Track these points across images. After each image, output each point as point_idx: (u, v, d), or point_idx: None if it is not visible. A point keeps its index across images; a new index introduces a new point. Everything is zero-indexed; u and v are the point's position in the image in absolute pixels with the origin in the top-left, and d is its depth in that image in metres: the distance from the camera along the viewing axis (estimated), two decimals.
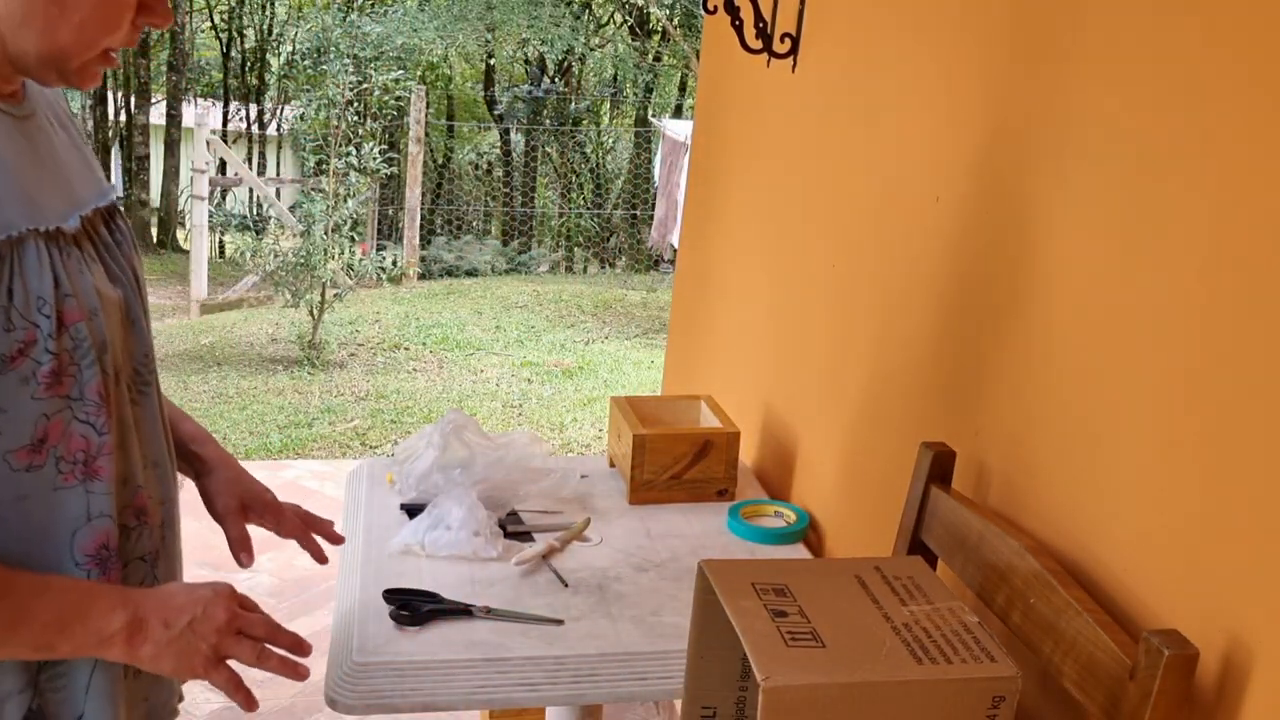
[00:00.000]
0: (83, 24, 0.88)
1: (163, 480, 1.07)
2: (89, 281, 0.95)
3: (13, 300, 0.87)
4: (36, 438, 0.91)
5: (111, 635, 0.93)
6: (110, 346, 0.97)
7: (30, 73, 0.92)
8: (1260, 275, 0.87)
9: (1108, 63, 1.08)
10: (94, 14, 0.88)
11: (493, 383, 5.89)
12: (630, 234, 11.69)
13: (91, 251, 0.98)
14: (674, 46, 12.71)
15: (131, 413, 1.02)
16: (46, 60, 0.90)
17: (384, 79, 7.48)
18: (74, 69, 0.92)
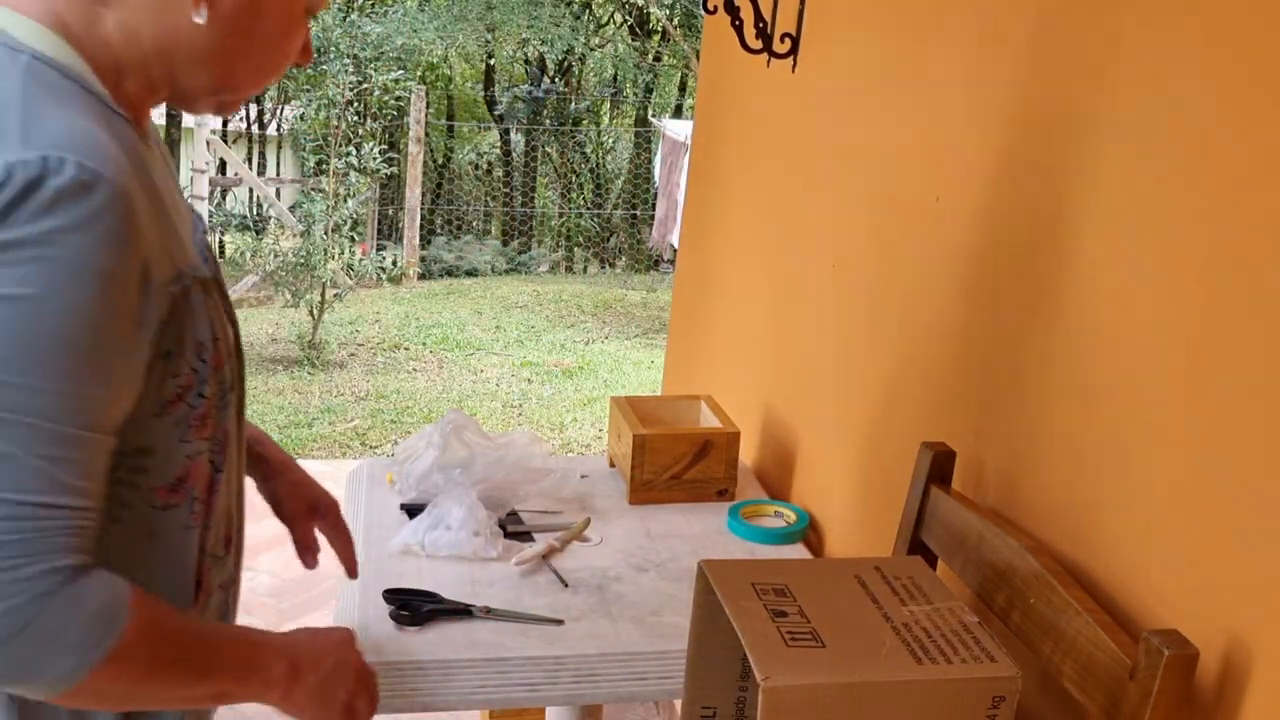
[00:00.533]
0: (260, 66, 0.92)
1: (242, 506, 1.06)
2: (221, 323, 0.95)
3: (182, 347, 0.88)
4: (178, 477, 0.91)
5: (275, 682, 0.93)
6: (236, 388, 0.99)
7: (187, 100, 0.94)
8: (1261, 275, 0.87)
9: (1108, 62, 1.08)
10: (270, 57, 0.92)
11: (493, 383, 5.89)
12: (630, 234, 11.69)
13: (216, 291, 0.97)
14: (674, 46, 12.71)
15: (233, 447, 1.01)
16: (214, 92, 0.93)
17: (384, 79, 7.48)
18: (234, 101, 0.95)
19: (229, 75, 0.91)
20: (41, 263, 0.75)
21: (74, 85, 0.83)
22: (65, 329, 0.76)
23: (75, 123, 0.79)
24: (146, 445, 0.87)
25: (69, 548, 0.78)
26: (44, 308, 0.75)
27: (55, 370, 0.76)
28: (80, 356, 0.77)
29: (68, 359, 0.77)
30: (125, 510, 0.88)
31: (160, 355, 0.86)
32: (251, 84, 0.94)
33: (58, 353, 0.76)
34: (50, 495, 0.77)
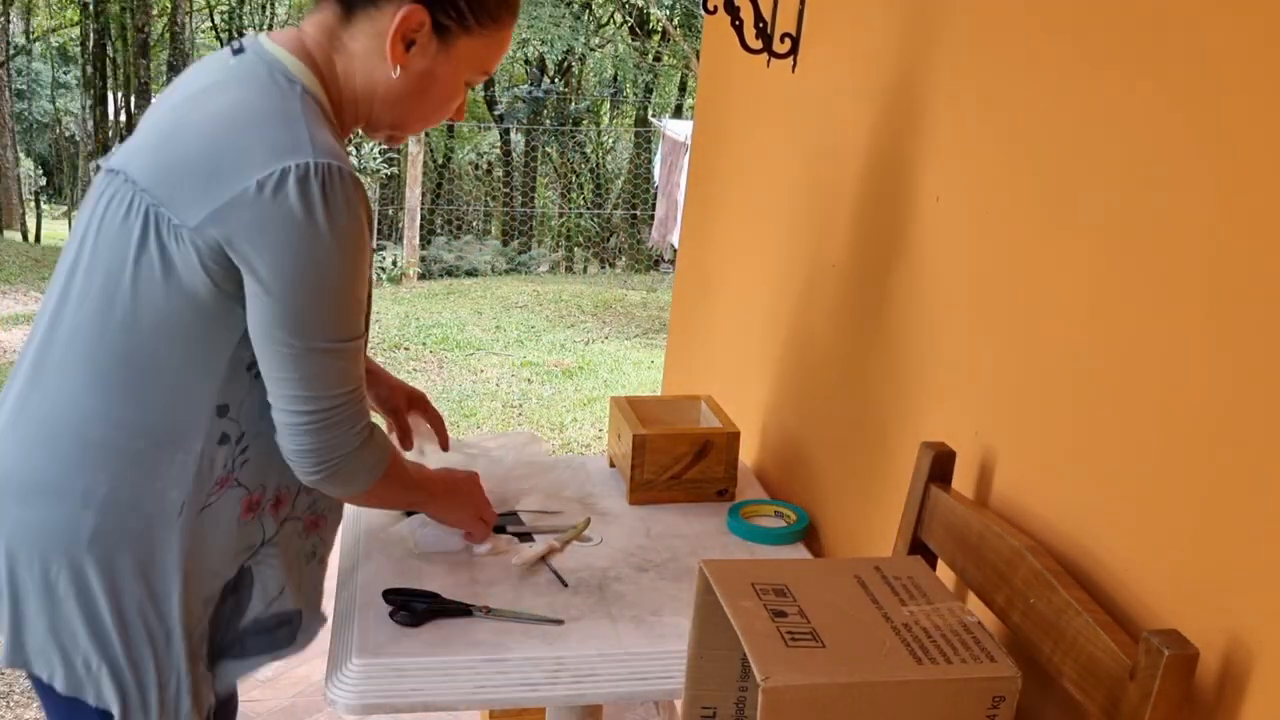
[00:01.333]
0: (425, 116, 1.27)
1: None
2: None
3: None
4: None
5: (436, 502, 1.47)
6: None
7: (371, 129, 1.28)
8: (1262, 275, 0.87)
9: (1109, 62, 1.08)
10: (435, 111, 1.27)
11: (493, 383, 5.89)
12: (630, 234, 11.69)
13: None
14: (674, 46, 12.72)
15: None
16: (390, 128, 1.28)
17: None
18: (401, 137, 1.31)
19: (404, 118, 1.26)
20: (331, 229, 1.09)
21: (322, 112, 1.16)
22: (357, 275, 1.14)
23: (331, 141, 1.13)
24: None
25: (364, 412, 1.22)
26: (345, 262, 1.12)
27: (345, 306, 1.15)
28: (360, 290, 1.16)
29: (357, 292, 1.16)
30: None
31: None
32: (417, 127, 1.28)
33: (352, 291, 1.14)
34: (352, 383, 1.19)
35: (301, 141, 1.08)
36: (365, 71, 1.20)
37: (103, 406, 1.15)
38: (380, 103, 1.22)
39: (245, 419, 1.20)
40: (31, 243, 14.83)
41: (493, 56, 1.26)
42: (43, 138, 20.73)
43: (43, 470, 1.15)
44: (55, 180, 21.09)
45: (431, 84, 1.22)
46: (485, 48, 1.23)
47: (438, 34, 1.19)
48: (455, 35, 1.20)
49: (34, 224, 17.13)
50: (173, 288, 1.12)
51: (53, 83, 19.43)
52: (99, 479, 1.15)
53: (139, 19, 12.90)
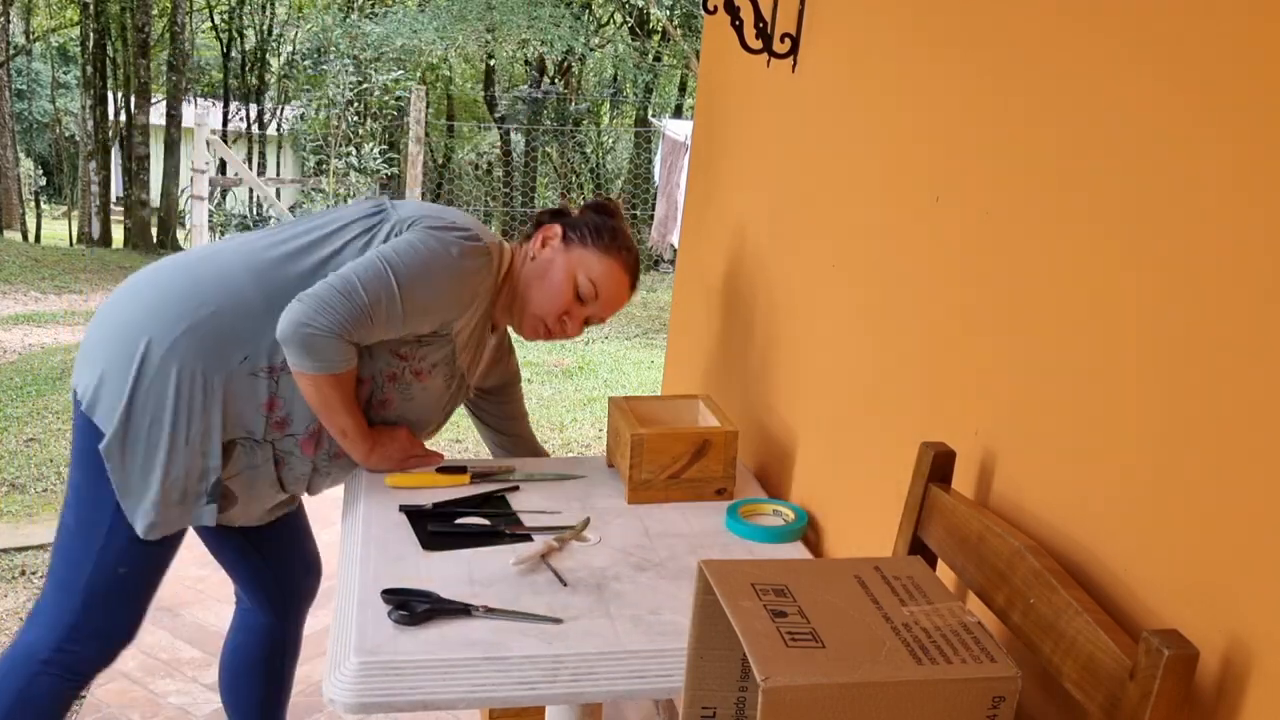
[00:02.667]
0: (541, 295, 1.80)
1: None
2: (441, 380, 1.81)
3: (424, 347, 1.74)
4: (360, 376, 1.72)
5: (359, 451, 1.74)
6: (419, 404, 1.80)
7: (513, 314, 1.84)
8: (1262, 275, 0.87)
9: (1110, 61, 1.08)
10: (548, 307, 1.80)
11: None
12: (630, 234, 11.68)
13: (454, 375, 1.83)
14: (674, 46, 12.72)
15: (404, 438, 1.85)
16: (520, 307, 1.82)
17: (384, 79, 7.48)
18: (525, 325, 1.83)
19: (526, 292, 1.81)
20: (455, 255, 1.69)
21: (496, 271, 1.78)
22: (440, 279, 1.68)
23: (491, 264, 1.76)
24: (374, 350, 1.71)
25: (358, 334, 1.61)
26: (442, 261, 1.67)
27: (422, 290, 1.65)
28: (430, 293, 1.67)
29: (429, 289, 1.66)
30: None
31: (419, 340, 1.72)
32: (536, 309, 1.81)
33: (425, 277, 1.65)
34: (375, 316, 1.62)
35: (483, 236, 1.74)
36: (519, 265, 1.83)
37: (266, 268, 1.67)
38: (519, 281, 1.81)
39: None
40: (31, 243, 14.84)
41: (603, 275, 1.80)
42: (43, 138, 20.74)
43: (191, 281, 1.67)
44: (55, 180, 21.10)
45: (550, 269, 1.80)
46: (595, 260, 1.80)
47: (565, 241, 1.81)
48: (574, 244, 1.80)
49: (34, 224, 17.14)
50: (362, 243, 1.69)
51: (53, 83, 19.44)
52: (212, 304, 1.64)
53: (139, 19, 12.89)
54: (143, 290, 1.68)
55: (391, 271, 1.61)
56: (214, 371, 1.62)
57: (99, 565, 1.65)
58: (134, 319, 1.63)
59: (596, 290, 1.79)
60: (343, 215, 1.75)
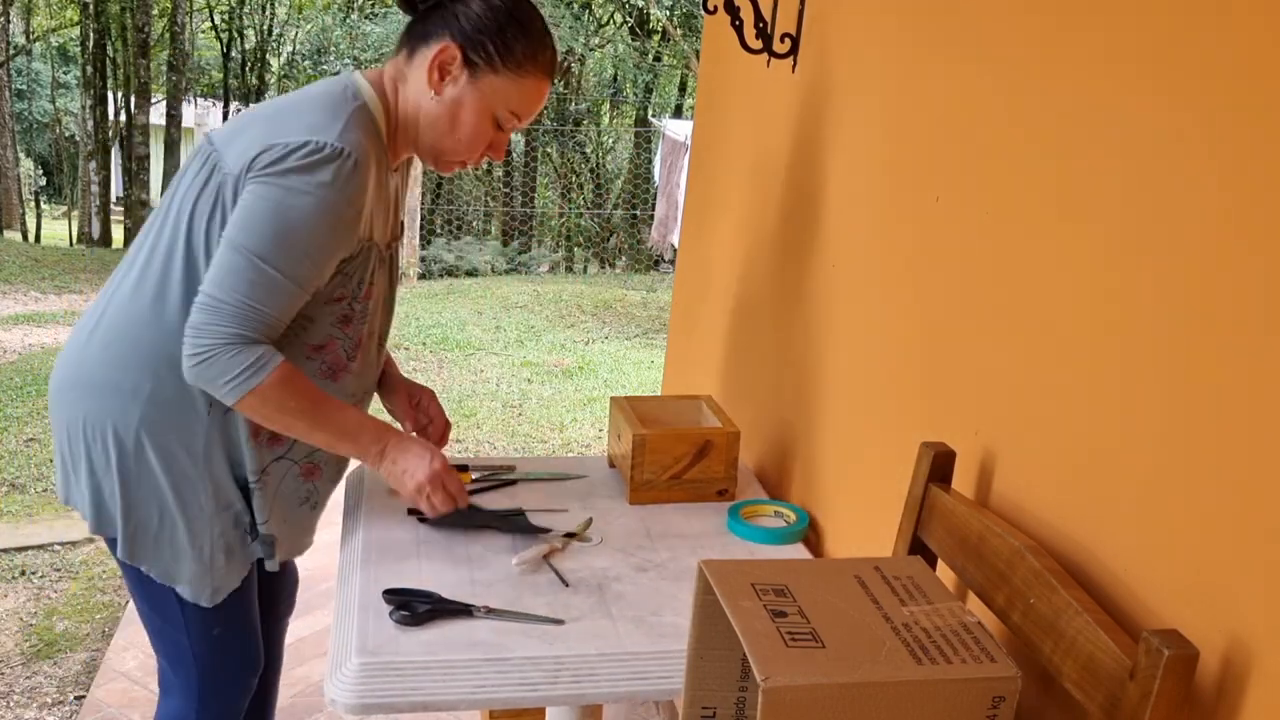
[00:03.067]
0: (457, 144, 1.51)
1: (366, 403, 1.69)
2: (381, 281, 1.60)
3: (350, 275, 1.51)
4: (320, 344, 1.53)
5: (368, 454, 1.51)
6: (373, 317, 1.61)
7: (420, 155, 1.56)
8: (1262, 275, 0.87)
9: (1110, 61, 1.08)
10: (466, 142, 1.51)
11: (493, 383, 5.89)
12: (630, 234, 11.69)
13: (387, 263, 1.61)
14: (674, 46, 12.72)
15: (371, 359, 1.64)
16: (433, 154, 1.54)
17: None
18: (441, 163, 1.55)
19: (439, 143, 1.52)
20: (313, 195, 1.37)
21: (374, 127, 1.46)
22: (320, 234, 1.40)
23: (360, 139, 1.41)
24: (311, 316, 1.50)
25: (252, 330, 1.38)
26: (305, 215, 1.38)
27: (291, 245, 1.38)
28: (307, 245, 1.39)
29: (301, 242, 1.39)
30: (289, 349, 1.48)
31: (339, 272, 1.48)
32: (454, 156, 1.54)
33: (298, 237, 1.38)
34: (258, 303, 1.38)
35: (333, 128, 1.39)
36: (414, 98, 1.49)
37: (156, 319, 1.45)
38: (422, 126, 1.51)
39: None
40: (31, 243, 14.84)
41: (523, 101, 1.50)
42: (43, 138, 20.74)
43: (106, 368, 1.48)
44: (55, 180, 21.10)
45: (460, 110, 1.48)
46: (513, 89, 1.49)
47: (468, 68, 1.46)
48: (482, 71, 1.47)
49: (34, 224, 17.13)
50: (214, 226, 1.43)
51: (53, 83, 19.43)
52: (144, 378, 1.46)
53: (139, 19, 12.89)
54: (76, 400, 1.50)
55: (253, 258, 1.36)
56: (189, 434, 1.48)
57: (193, 636, 1.59)
58: (88, 425, 1.48)
59: (519, 116, 1.52)
60: (184, 200, 1.47)
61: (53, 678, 2.64)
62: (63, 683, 2.62)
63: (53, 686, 2.61)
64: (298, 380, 1.42)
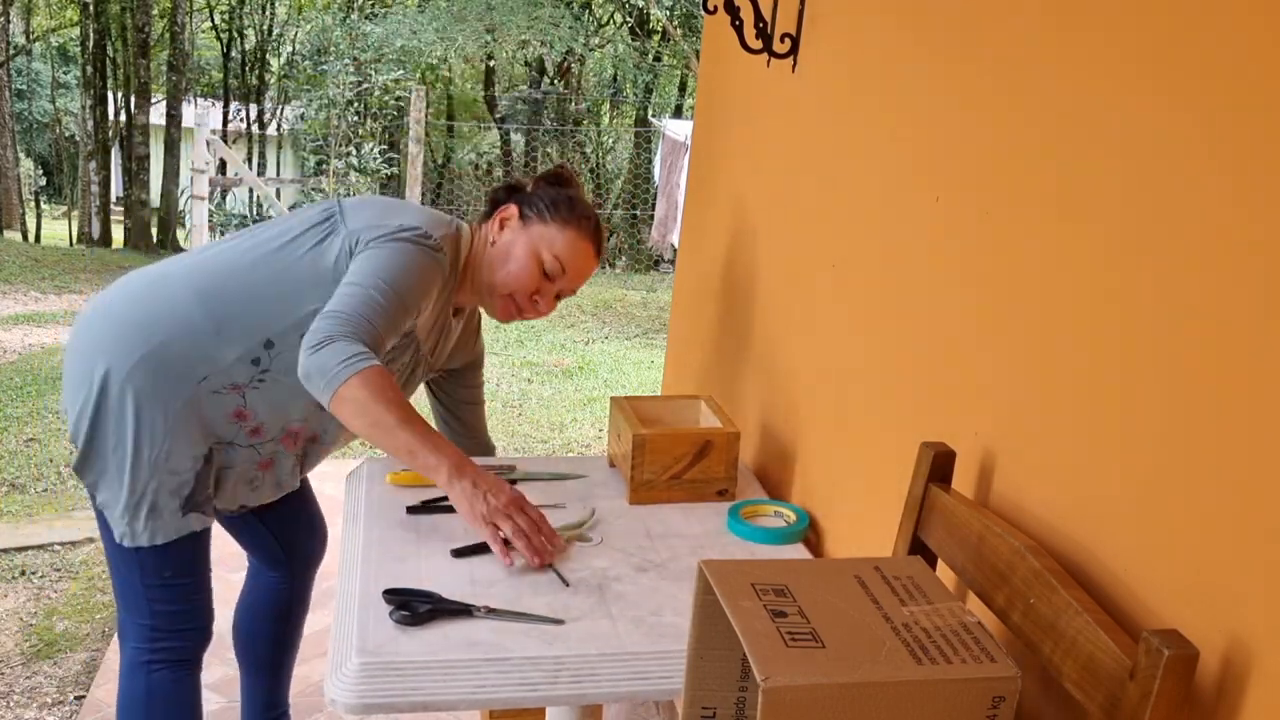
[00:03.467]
0: (507, 275, 1.78)
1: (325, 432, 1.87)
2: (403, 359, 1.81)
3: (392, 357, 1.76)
4: None
5: (439, 470, 1.50)
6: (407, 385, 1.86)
7: (479, 297, 1.84)
8: (1262, 274, 0.87)
9: (1110, 61, 1.08)
10: (517, 287, 1.79)
11: (493, 383, 5.88)
12: (630, 234, 11.68)
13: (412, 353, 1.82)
14: (674, 46, 12.72)
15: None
16: (487, 289, 1.81)
17: (384, 79, 7.48)
18: (495, 303, 1.82)
19: (492, 277, 1.79)
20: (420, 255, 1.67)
21: (455, 250, 1.78)
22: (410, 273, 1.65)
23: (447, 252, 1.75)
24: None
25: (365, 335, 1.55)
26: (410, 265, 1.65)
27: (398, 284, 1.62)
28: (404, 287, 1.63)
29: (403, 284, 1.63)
30: None
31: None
32: (504, 288, 1.79)
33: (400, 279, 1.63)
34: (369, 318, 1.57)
35: (438, 231, 1.72)
36: (481, 247, 1.82)
37: (214, 291, 1.68)
38: (483, 267, 1.80)
39: (276, 362, 1.68)
40: (31, 243, 14.83)
41: (566, 248, 1.77)
42: (43, 138, 20.74)
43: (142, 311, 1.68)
44: (55, 180, 21.10)
45: (512, 249, 1.79)
46: (558, 236, 1.78)
47: (523, 220, 1.80)
48: (533, 221, 1.79)
49: (34, 224, 17.13)
50: (312, 255, 1.69)
51: (53, 83, 19.43)
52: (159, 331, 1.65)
53: (139, 19, 12.89)
54: (96, 321, 1.71)
55: (368, 289, 1.59)
56: (173, 397, 1.65)
57: (146, 576, 1.74)
58: (91, 348, 1.68)
59: (563, 265, 1.77)
60: (292, 226, 1.74)
61: (53, 678, 2.64)
62: (63, 683, 2.62)
63: (53, 686, 2.61)
64: (383, 386, 1.52)
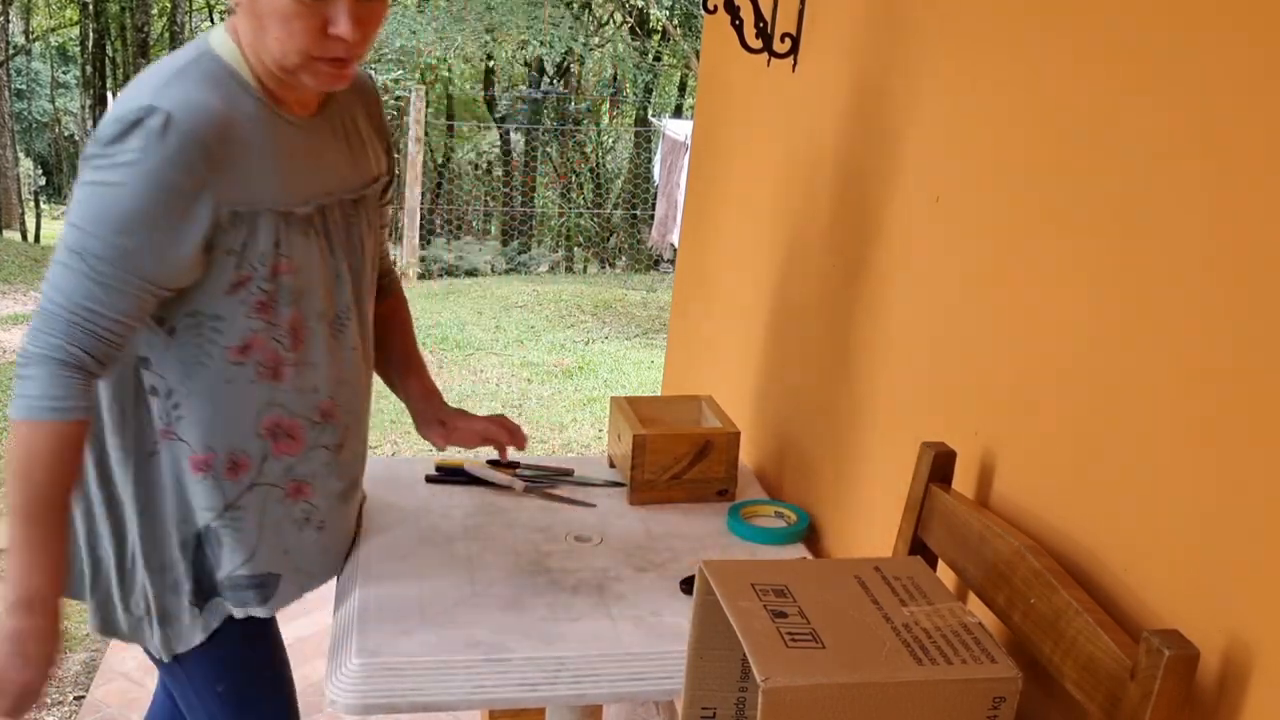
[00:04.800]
0: (282, 43, 1.20)
1: (353, 394, 1.44)
2: (307, 249, 1.31)
3: (244, 251, 1.26)
4: (243, 344, 1.29)
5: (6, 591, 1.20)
6: (309, 295, 1.33)
7: (287, 80, 1.25)
8: (1261, 274, 0.87)
9: (1110, 62, 1.08)
10: (285, 35, 1.19)
11: (493, 383, 5.88)
12: (630, 234, 11.68)
13: (319, 227, 1.33)
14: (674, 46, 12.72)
15: (330, 344, 1.37)
16: (279, 68, 1.23)
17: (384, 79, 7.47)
18: (295, 74, 1.23)
19: (270, 51, 1.21)
20: (128, 167, 1.16)
21: (226, 74, 1.24)
22: (126, 208, 1.17)
23: (190, 93, 1.19)
24: (219, 314, 1.28)
25: (80, 345, 1.18)
26: (120, 193, 1.17)
27: (114, 232, 1.17)
28: (131, 228, 1.17)
29: (124, 227, 1.17)
30: (209, 359, 1.29)
31: (225, 252, 1.25)
32: (290, 58, 1.21)
33: (119, 222, 1.17)
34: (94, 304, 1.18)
35: (154, 91, 1.19)
36: (246, 41, 1.25)
37: None
38: (253, 47, 1.24)
39: (168, 374, 1.30)
40: (31, 242, 14.83)
41: None
42: (42, 138, 20.73)
43: None
44: (55, 180, 21.08)
45: (260, 18, 1.21)
46: None
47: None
48: None
49: (33, 224, 17.12)
50: None
51: (52, 82, 19.42)
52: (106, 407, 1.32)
53: (139, 19, 12.89)
54: None
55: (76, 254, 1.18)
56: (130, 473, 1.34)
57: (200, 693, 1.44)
58: None
59: None
60: None
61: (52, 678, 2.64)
62: (62, 683, 2.62)
63: (52, 686, 2.61)
64: (66, 454, 1.20)
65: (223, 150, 1.20)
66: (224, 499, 1.34)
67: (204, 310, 1.27)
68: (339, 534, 1.48)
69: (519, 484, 1.74)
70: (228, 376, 1.30)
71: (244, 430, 1.33)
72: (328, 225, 1.35)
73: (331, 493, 1.44)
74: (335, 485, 1.44)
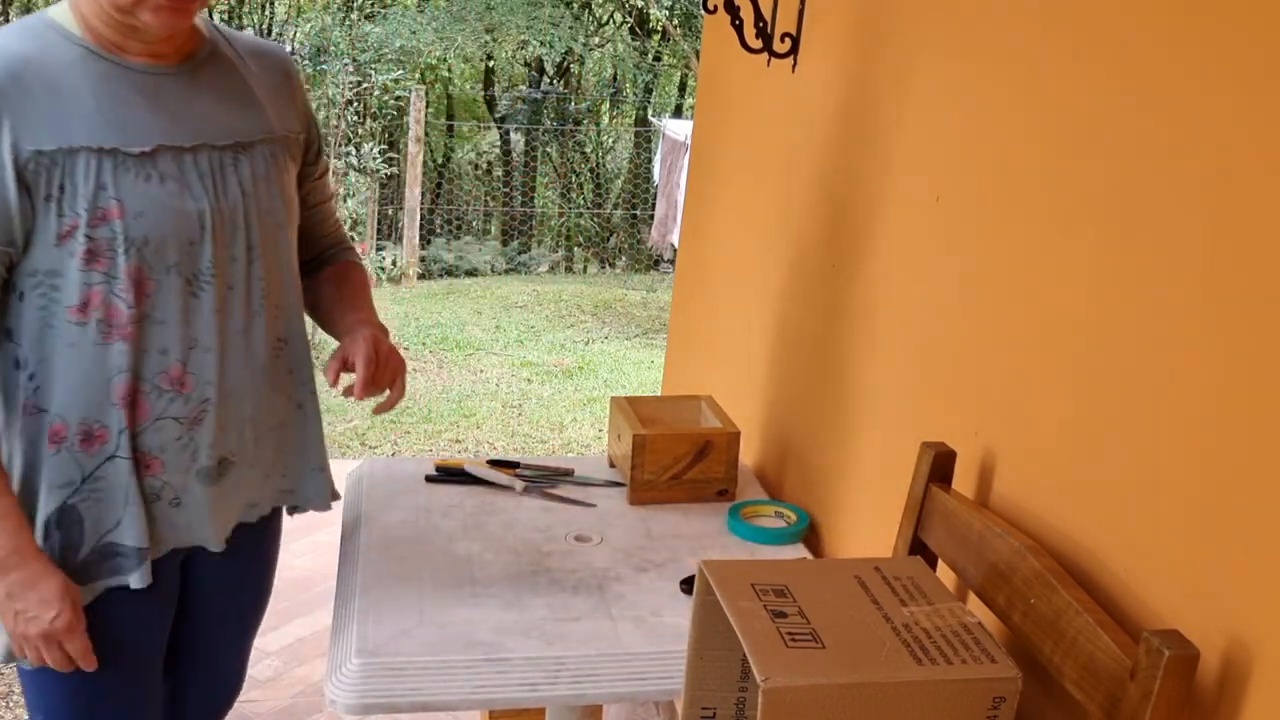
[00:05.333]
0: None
1: (213, 362, 1.31)
2: (148, 193, 1.23)
3: (62, 194, 1.19)
4: (82, 301, 1.22)
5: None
6: (156, 245, 1.24)
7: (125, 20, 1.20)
8: (1260, 274, 0.87)
9: (1109, 63, 1.08)
10: None
11: (493, 383, 5.88)
12: (630, 234, 11.68)
13: (171, 172, 1.25)
14: (674, 46, 12.71)
15: (186, 301, 1.27)
16: (113, 8, 1.18)
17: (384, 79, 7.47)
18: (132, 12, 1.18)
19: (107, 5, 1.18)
20: None
21: (44, 26, 1.22)
22: None
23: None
24: (54, 269, 1.22)
25: None
26: None
27: None
28: None
29: None
30: (55, 320, 1.23)
31: (44, 198, 1.19)
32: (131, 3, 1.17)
33: None
34: None
35: None
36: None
37: None
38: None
39: (27, 343, 1.24)
40: None
41: None
42: None
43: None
44: None
45: None
46: None
47: None
48: None
49: None
50: None
51: None
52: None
53: None
54: None
55: None
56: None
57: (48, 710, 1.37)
58: None
59: None
60: None
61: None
62: None
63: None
64: None
65: (15, 87, 1.18)
66: (82, 473, 1.26)
67: (41, 268, 1.22)
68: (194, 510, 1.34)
69: (519, 484, 1.73)
70: (70, 339, 1.23)
71: (98, 398, 1.25)
72: (184, 172, 1.26)
73: (179, 469, 1.31)
74: (182, 462, 1.31)
